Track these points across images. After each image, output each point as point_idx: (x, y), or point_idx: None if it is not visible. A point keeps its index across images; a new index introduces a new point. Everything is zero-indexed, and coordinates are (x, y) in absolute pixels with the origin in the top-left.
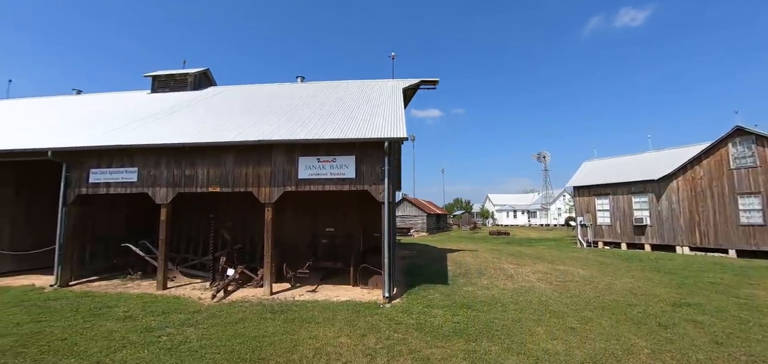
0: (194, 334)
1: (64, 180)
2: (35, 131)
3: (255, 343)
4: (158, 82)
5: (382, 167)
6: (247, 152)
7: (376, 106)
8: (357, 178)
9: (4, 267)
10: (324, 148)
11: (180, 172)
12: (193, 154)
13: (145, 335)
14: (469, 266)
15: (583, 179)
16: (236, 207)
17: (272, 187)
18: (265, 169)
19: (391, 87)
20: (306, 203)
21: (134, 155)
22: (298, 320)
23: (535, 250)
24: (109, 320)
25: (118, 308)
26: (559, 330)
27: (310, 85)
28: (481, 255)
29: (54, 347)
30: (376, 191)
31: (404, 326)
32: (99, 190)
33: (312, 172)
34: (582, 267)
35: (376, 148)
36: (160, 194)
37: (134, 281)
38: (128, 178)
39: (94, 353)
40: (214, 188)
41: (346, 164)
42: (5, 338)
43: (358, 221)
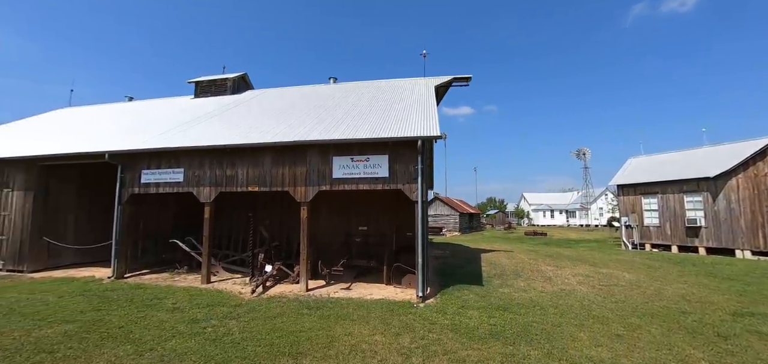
0: (236, 327)
1: (119, 181)
2: (93, 136)
3: (293, 337)
4: (200, 88)
5: (416, 166)
6: (284, 153)
7: (408, 104)
8: (390, 178)
9: (69, 259)
10: (357, 147)
11: (222, 172)
12: (233, 156)
13: (192, 325)
14: (505, 267)
15: (628, 177)
16: (273, 206)
17: (307, 186)
18: (301, 169)
19: (423, 85)
20: (340, 202)
21: (180, 157)
22: (333, 317)
23: (574, 251)
24: (160, 311)
25: (168, 300)
26: (603, 337)
27: (342, 85)
28: (517, 256)
29: (112, 334)
30: (410, 190)
31: (439, 326)
32: (149, 190)
33: (346, 171)
34: (627, 271)
35: (409, 147)
36: (204, 193)
37: (181, 275)
38: (175, 179)
39: (148, 340)
40: (253, 188)
41: (379, 164)
42: (71, 324)
43: (391, 220)
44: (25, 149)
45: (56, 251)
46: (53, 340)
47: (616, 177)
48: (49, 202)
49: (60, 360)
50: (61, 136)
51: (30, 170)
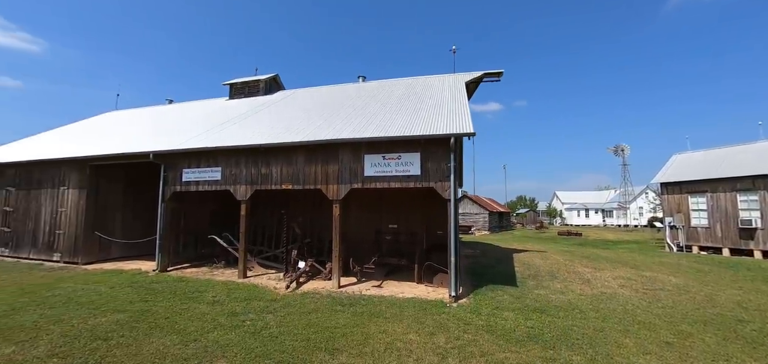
0: (273, 321)
1: (162, 179)
2: (138, 137)
3: (328, 333)
4: (234, 90)
5: (448, 164)
6: (316, 151)
7: (439, 101)
8: (422, 176)
9: (117, 253)
10: (389, 145)
11: (257, 171)
12: (268, 155)
13: (232, 318)
14: (539, 268)
15: (673, 175)
16: (305, 203)
17: (339, 184)
18: (333, 168)
19: (453, 81)
20: (370, 200)
21: (218, 156)
22: (366, 314)
23: (613, 253)
24: (201, 304)
25: (208, 293)
26: (651, 344)
27: (371, 84)
28: (551, 257)
29: (159, 324)
30: (442, 188)
31: (473, 327)
32: (190, 188)
33: (377, 169)
34: (673, 274)
35: (441, 145)
36: (241, 191)
37: (219, 269)
38: (213, 177)
39: (191, 331)
40: (286, 186)
41: (411, 161)
42: (122, 313)
43: (421, 218)
44: (78, 150)
45: (106, 245)
46: (107, 328)
47: (659, 174)
48: (99, 199)
49: (114, 347)
50: (109, 137)
51: (83, 170)
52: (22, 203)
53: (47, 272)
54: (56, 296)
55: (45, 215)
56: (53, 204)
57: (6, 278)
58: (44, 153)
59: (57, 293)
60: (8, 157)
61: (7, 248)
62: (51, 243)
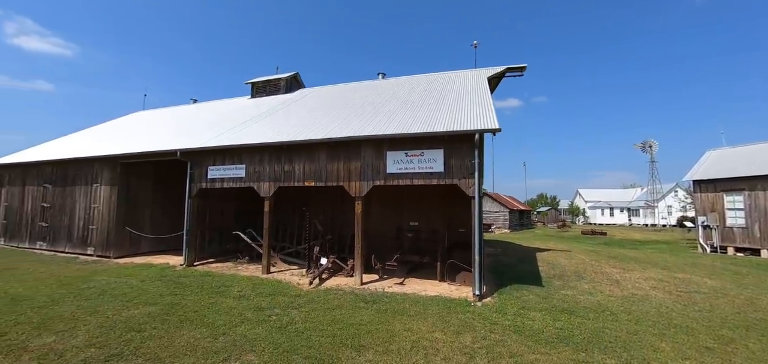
0: (298, 316)
1: (188, 176)
2: (165, 135)
3: (353, 330)
4: (256, 88)
5: (472, 161)
6: (338, 148)
7: (461, 97)
8: (446, 173)
9: (146, 248)
10: (411, 142)
11: (280, 168)
12: (290, 152)
13: (258, 313)
14: (564, 268)
15: (707, 172)
16: (326, 201)
17: (362, 181)
18: (355, 165)
19: (475, 77)
20: (391, 197)
21: (242, 154)
22: (390, 311)
23: (642, 253)
24: (228, 298)
25: (233, 287)
26: (690, 349)
27: (392, 80)
28: (576, 256)
29: (189, 318)
30: (466, 186)
31: (500, 327)
32: (215, 184)
33: (400, 166)
34: (709, 276)
35: (465, 141)
36: (264, 188)
37: (243, 264)
38: (238, 174)
39: (220, 325)
40: (309, 183)
41: (434, 158)
42: (153, 306)
43: (442, 216)
44: (109, 149)
45: (136, 240)
46: (140, 320)
47: (691, 172)
48: (129, 196)
49: (147, 338)
50: (137, 136)
51: (114, 167)
52: (58, 199)
53: (82, 265)
54: (91, 288)
55: (79, 210)
56: (87, 200)
57: (45, 270)
58: (78, 151)
59: (92, 285)
60: (45, 156)
61: (45, 241)
62: (85, 238)
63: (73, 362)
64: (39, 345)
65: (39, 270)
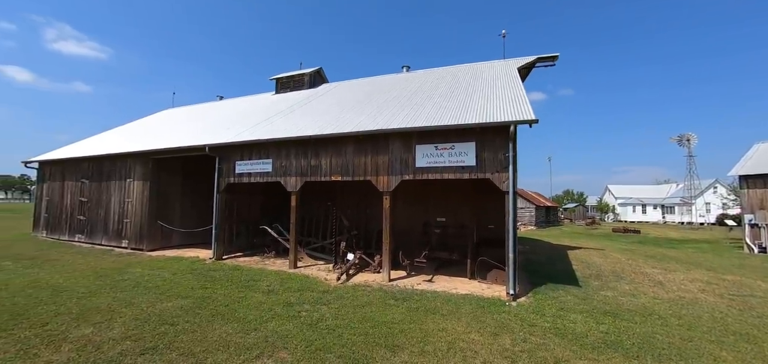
0: (328, 312)
1: (217, 171)
2: (194, 132)
3: (386, 329)
4: (280, 84)
5: (506, 154)
6: (365, 142)
7: (492, 88)
8: (477, 166)
9: (176, 241)
10: (441, 135)
11: (306, 162)
12: (317, 146)
13: (288, 308)
14: (600, 267)
15: (755, 166)
16: (351, 195)
17: (390, 175)
18: (383, 158)
19: (504, 68)
20: (417, 192)
21: (269, 148)
22: (422, 310)
23: (682, 253)
24: (257, 292)
25: (262, 282)
26: (756, 359)
27: (418, 73)
28: (611, 255)
29: (220, 312)
30: (499, 180)
31: (539, 329)
32: (243, 179)
33: (429, 160)
34: (762, 279)
35: (498, 134)
36: (291, 183)
37: (270, 258)
38: (265, 169)
39: (251, 320)
40: (336, 177)
41: (465, 151)
42: (185, 299)
43: (470, 211)
44: (142, 145)
45: (167, 233)
46: (173, 313)
47: (737, 166)
48: (160, 190)
49: (180, 332)
50: (167, 133)
51: (146, 163)
52: (94, 194)
53: (117, 257)
54: (126, 280)
55: (114, 204)
56: (121, 195)
57: (83, 262)
58: (112, 148)
59: (126, 277)
60: (82, 152)
61: (83, 234)
62: (120, 231)
63: (109, 354)
64: (78, 336)
65: (78, 262)
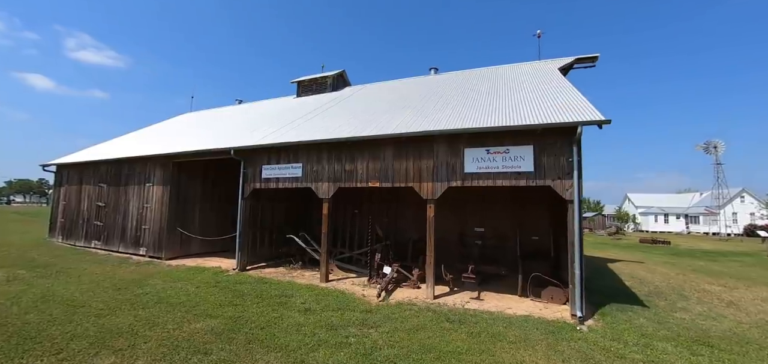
0: (380, 339)
1: (241, 176)
2: (216, 134)
3: (453, 360)
4: (302, 87)
5: (570, 158)
6: (407, 145)
7: (540, 88)
8: (536, 173)
9: (195, 249)
10: (494, 137)
11: (340, 167)
12: (352, 149)
13: (332, 333)
14: (654, 284)
15: None
16: (380, 202)
17: (435, 182)
18: (427, 163)
19: (545, 68)
20: (453, 199)
21: (299, 152)
22: (485, 336)
23: (728, 267)
24: (293, 311)
25: (296, 298)
26: None
27: (451, 74)
28: (656, 269)
29: (257, 336)
30: (562, 187)
31: (630, 362)
32: (270, 184)
33: (480, 165)
34: None
35: (560, 136)
36: (322, 189)
37: (296, 270)
38: (294, 174)
39: (294, 348)
40: (373, 183)
41: (521, 156)
42: (215, 319)
43: (511, 221)
44: (162, 148)
45: (186, 241)
46: (204, 338)
47: None
48: (180, 196)
49: None
50: (187, 136)
51: (166, 167)
52: (112, 199)
53: (135, 266)
54: (147, 294)
55: (132, 210)
56: (140, 200)
57: (100, 272)
58: (131, 151)
59: (147, 290)
60: (100, 155)
61: (100, 241)
62: (137, 238)
63: None
64: None
65: (95, 271)
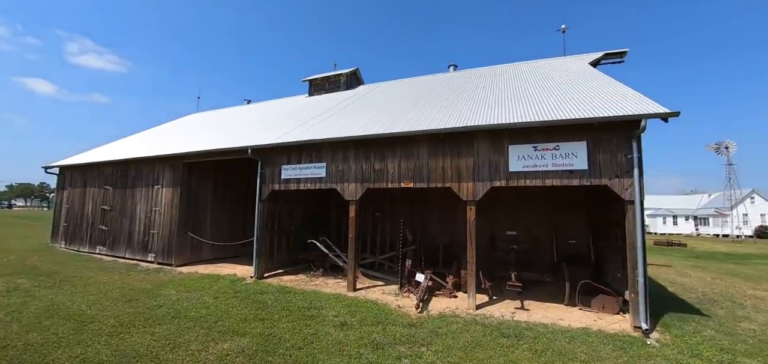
0: (436, 360)
1: (259, 176)
2: (229, 133)
3: None
4: (314, 86)
5: (629, 155)
6: (444, 142)
7: (581, 83)
8: (590, 171)
9: (206, 254)
10: (542, 132)
11: (369, 166)
12: (382, 147)
13: (379, 353)
14: (700, 290)
15: None
16: (403, 203)
17: (476, 182)
18: (466, 161)
19: (577, 63)
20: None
21: (322, 150)
22: (551, 354)
23: (756, 270)
24: (327, 326)
25: (327, 311)
26: None
27: (472, 71)
28: (690, 273)
29: (296, 359)
30: (620, 186)
31: None
32: (290, 186)
33: (526, 163)
34: None
35: (617, 131)
36: (349, 190)
37: (318, 277)
38: (317, 174)
39: None
40: (406, 184)
41: (573, 153)
42: (243, 337)
43: (546, 223)
44: (172, 147)
45: (196, 246)
46: (235, 362)
47: None
48: (190, 199)
49: None
50: (197, 137)
51: (177, 168)
52: (118, 202)
53: (145, 274)
54: (162, 307)
55: (139, 213)
56: (148, 203)
57: (108, 280)
58: (138, 152)
59: (161, 301)
60: (106, 156)
61: (105, 246)
62: (145, 243)
63: None
64: None
65: (102, 280)
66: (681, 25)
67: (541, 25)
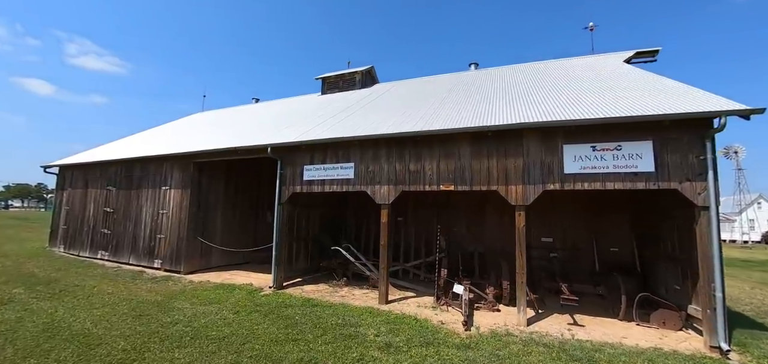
0: None
1: (279, 178)
2: (237, 133)
3: None
4: (327, 84)
5: (701, 156)
6: (488, 141)
7: (626, 80)
8: (657, 173)
9: (216, 260)
10: (601, 131)
11: (403, 167)
12: (418, 147)
13: None
14: (751, 302)
15: None
16: (426, 207)
17: (526, 184)
18: (514, 162)
19: (612, 62)
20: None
21: (350, 149)
22: None
23: None
24: (370, 348)
25: (364, 328)
26: None
27: (501, 69)
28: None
29: None
30: (692, 190)
31: None
32: (313, 188)
33: (584, 164)
34: None
35: (687, 130)
36: (381, 193)
37: (340, 286)
38: (344, 175)
39: None
40: (446, 186)
41: (638, 153)
42: None
43: (585, 230)
44: (181, 146)
45: (206, 252)
46: None
47: None
48: (201, 201)
49: None
50: (206, 135)
51: (186, 168)
52: (122, 204)
53: (153, 283)
54: (177, 324)
55: (145, 216)
56: (155, 206)
57: (113, 290)
58: (144, 150)
59: (175, 317)
60: (109, 155)
61: (107, 251)
62: (151, 248)
63: None
64: None
65: (106, 290)
66: (682, 26)
67: (542, 26)
